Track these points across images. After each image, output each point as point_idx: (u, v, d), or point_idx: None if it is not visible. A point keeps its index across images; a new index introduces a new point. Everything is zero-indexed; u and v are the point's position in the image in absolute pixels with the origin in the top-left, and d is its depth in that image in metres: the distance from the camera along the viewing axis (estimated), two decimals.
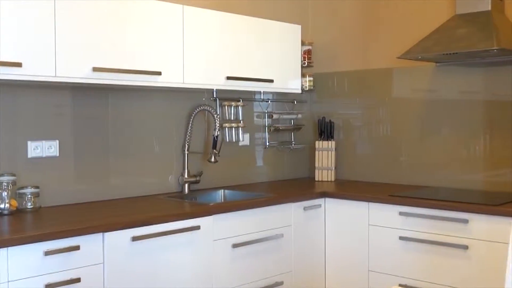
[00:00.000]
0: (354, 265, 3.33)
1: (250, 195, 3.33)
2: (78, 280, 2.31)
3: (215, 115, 3.32)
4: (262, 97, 3.86)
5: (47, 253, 2.22)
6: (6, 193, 2.60)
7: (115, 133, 3.14)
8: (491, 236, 2.78)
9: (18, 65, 2.40)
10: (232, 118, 3.63)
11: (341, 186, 3.77)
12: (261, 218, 3.08)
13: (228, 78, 3.22)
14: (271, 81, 3.44)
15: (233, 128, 3.62)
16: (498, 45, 2.91)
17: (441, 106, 3.59)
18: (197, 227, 2.74)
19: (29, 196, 2.70)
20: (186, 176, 3.39)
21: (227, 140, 3.62)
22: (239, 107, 3.67)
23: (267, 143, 3.93)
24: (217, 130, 3.32)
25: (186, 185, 3.39)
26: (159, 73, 2.87)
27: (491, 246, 2.78)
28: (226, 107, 3.61)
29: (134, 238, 2.50)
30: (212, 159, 3.37)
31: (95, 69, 2.62)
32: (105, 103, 3.10)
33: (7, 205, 2.60)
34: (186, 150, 3.40)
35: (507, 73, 3.27)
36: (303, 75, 4.04)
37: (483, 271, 2.81)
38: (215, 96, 3.56)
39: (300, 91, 3.77)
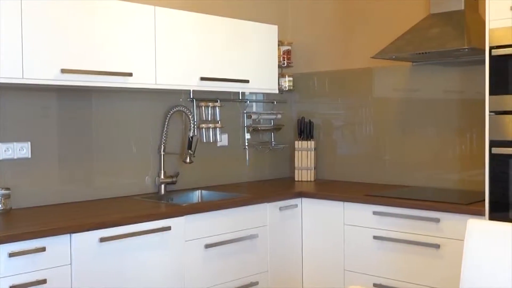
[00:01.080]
0: (330, 265, 3.34)
1: (226, 196, 3.34)
2: (44, 281, 2.31)
3: (190, 116, 3.32)
4: (240, 98, 3.86)
5: (11, 254, 2.23)
6: None
7: (90, 134, 3.15)
8: (462, 235, 2.74)
9: None
10: (209, 119, 3.64)
11: (319, 186, 3.78)
12: (235, 219, 3.09)
13: (202, 78, 3.22)
14: (247, 81, 3.44)
15: (210, 129, 3.63)
16: (468, 44, 2.92)
17: (419, 106, 3.60)
18: (168, 228, 2.74)
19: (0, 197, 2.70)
20: (162, 177, 3.39)
21: (204, 141, 3.63)
22: (217, 107, 3.67)
23: (246, 144, 3.94)
24: (192, 130, 3.32)
25: (163, 186, 3.39)
26: (130, 74, 2.87)
27: (461, 245, 2.76)
28: (203, 107, 3.62)
29: (102, 239, 2.50)
30: (187, 160, 3.39)
31: (63, 71, 2.63)
32: (80, 105, 3.10)
33: None
34: (162, 151, 3.40)
35: (482, 72, 3.27)
36: (282, 76, 4.06)
37: (455, 269, 2.78)
38: (191, 96, 3.57)
39: (277, 91, 3.77)
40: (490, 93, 2.71)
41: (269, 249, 3.26)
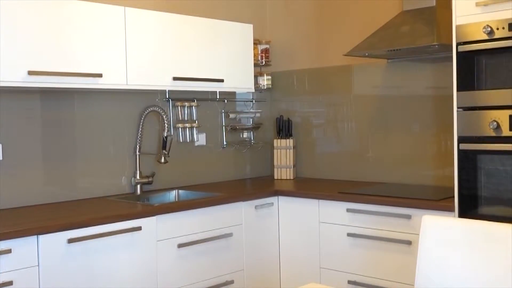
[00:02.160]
0: (306, 263, 3.35)
1: (201, 195, 3.34)
2: (10, 283, 2.32)
3: (164, 116, 3.33)
4: (218, 97, 3.85)
5: None
6: None
7: (65, 135, 3.15)
8: None
9: None
10: (186, 118, 3.65)
11: (296, 184, 3.78)
12: (209, 218, 3.09)
13: (175, 78, 3.22)
14: (221, 80, 3.45)
15: (187, 128, 3.64)
16: (438, 41, 2.93)
17: (398, 103, 3.59)
18: (138, 228, 2.75)
19: None
20: (138, 177, 3.40)
21: (181, 141, 3.63)
22: (193, 107, 3.68)
23: (225, 143, 3.94)
24: (165, 130, 3.33)
25: (138, 186, 3.40)
26: (99, 75, 2.87)
27: None
28: (179, 107, 3.63)
29: (70, 240, 2.50)
30: (162, 160, 3.39)
31: (30, 73, 2.63)
32: (54, 106, 3.10)
33: None
34: (137, 151, 3.41)
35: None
36: (261, 74, 4.06)
37: None
38: (167, 96, 3.57)
39: (253, 90, 3.77)
40: (458, 89, 2.72)
41: (245, 247, 3.27)
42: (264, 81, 4.07)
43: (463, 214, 2.71)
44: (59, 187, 3.13)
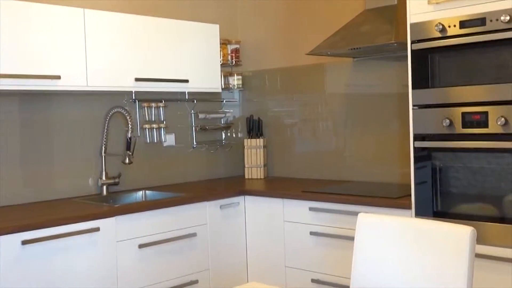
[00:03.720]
0: (272, 262, 3.36)
1: (166, 195, 3.34)
2: None
3: (128, 117, 3.34)
4: (187, 97, 3.86)
5: None
6: None
7: (34, 137, 3.16)
8: None
9: None
10: (153, 119, 3.66)
11: (265, 183, 3.79)
12: (172, 218, 3.10)
13: (137, 79, 3.23)
14: (186, 81, 3.45)
15: (154, 129, 3.64)
16: (396, 39, 2.93)
17: (364, 101, 3.59)
18: (96, 229, 2.76)
19: None
20: (104, 178, 3.41)
21: (148, 141, 3.64)
22: (161, 107, 3.69)
23: (195, 143, 3.95)
24: (129, 131, 3.34)
25: (104, 187, 3.40)
26: (58, 77, 2.88)
27: None
28: (146, 108, 3.63)
29: (24, 242, 2.51)
30: (127, 161, 3.40)
31: None
32: (19, 107, 3.11)
33: None
34: (103, 152, 3.42)
35: None
36: (231, 74, 4.07)
37: None
38: (134, 97, 3.58)
39: (220, 90, 3.78)
40: (413, 87, 2.72)
41: (210, 247, 3.28)
42: (235, 81, 4.08)
43: (420, 211, 2.72)
44: (27, 189, 3.14)
